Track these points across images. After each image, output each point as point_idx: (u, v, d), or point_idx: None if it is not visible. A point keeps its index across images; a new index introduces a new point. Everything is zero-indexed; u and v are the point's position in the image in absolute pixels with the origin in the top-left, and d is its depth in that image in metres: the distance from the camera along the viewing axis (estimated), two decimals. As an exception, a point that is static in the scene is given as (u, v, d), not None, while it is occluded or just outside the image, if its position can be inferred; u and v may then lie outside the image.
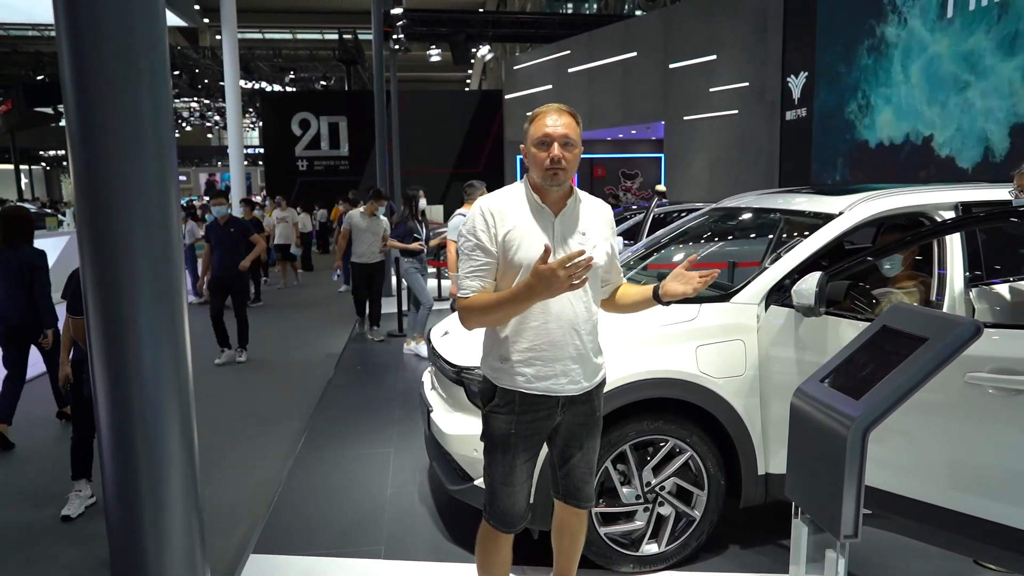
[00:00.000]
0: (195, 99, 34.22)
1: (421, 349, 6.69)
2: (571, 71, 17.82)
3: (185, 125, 39.22)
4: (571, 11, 25.95)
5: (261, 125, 28.52)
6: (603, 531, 2.81)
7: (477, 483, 2.82)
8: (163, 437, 1.55)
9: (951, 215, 2.96)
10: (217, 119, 36.36)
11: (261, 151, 29.92)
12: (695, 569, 2.89)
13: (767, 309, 2.87)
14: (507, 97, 21.21)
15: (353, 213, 7.58)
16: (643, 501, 2.84)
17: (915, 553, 2.94)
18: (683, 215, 5.95)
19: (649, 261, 4.10)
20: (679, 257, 4.32)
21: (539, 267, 1.86)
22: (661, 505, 2.86)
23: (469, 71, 37.84)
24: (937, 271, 2.90)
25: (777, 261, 2.98)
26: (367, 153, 21.44)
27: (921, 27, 8.76)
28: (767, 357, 2.84)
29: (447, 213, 18.35)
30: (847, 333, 2.61)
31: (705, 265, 4.20)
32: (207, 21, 32.23)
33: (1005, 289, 2.89)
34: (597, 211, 2.20)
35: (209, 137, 44.25)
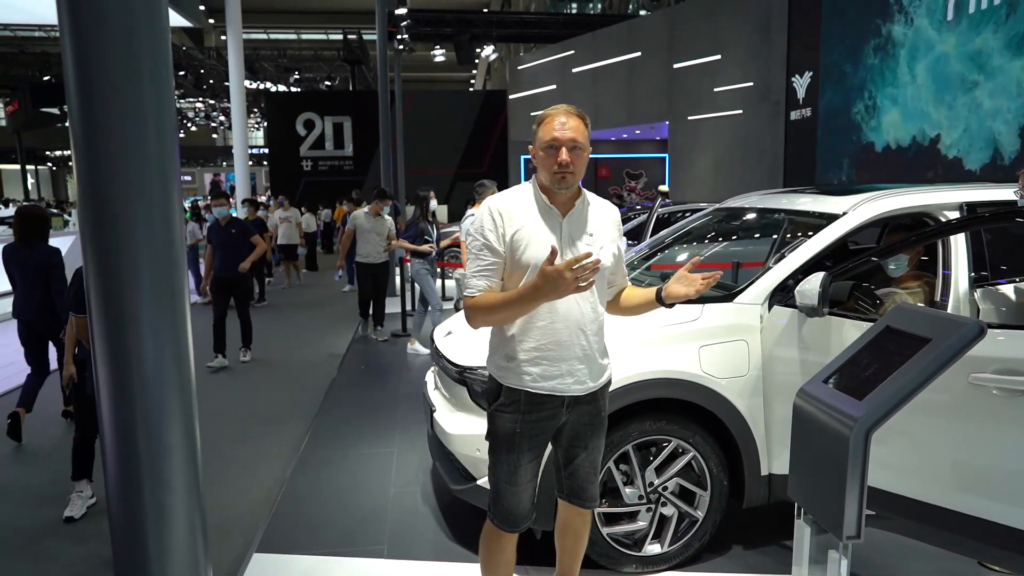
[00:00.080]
0: (200, 99, 34.33)
1: (419, 349, 6.75)
2: (575, 71, 17.81)
3: (190, 125, 39.37)
4: (575, 11, 25.95)
5: (266, 125, 28.59)
6: (606, 531, 2.80)
7: (480, 483, 2.82)
8: (165, 436, 1.55)
9: (956, 215, 2.95)
10: (222, 119, 36.50)
11: (266, 151, 30.00)
12: (698, 570, 2.89)
13: (770, 309, 2.87)
14: (511, 97, 21.22)
15: (358, 213, 7.55)
16: (646, 501, 2.84)
17: (918, 554, 2.93)
18: (687, 215, 5.95)
19: (653, 261, 4.10)
20: (683, 257, 4.32)
21: (546, 268, 1.87)
22: (664, 505, 2.86)
23: (473, 71, 37.88)
24: (942, 271, 2.88)
25: (780, 261, 2.97)
26: (371, 153, 21.48)
27: (928, 26, 8.70)
28: (770, 357, 2.83)
29: (451, 213, 18.39)
30: (851, 333, 2.60)
31: (709, 265, 4.20)
32: (212, 22, 32.33)
33: (1010, 289, 2.88)
34: (604, 212, 2.20)
35: (214, 137, 44.40)
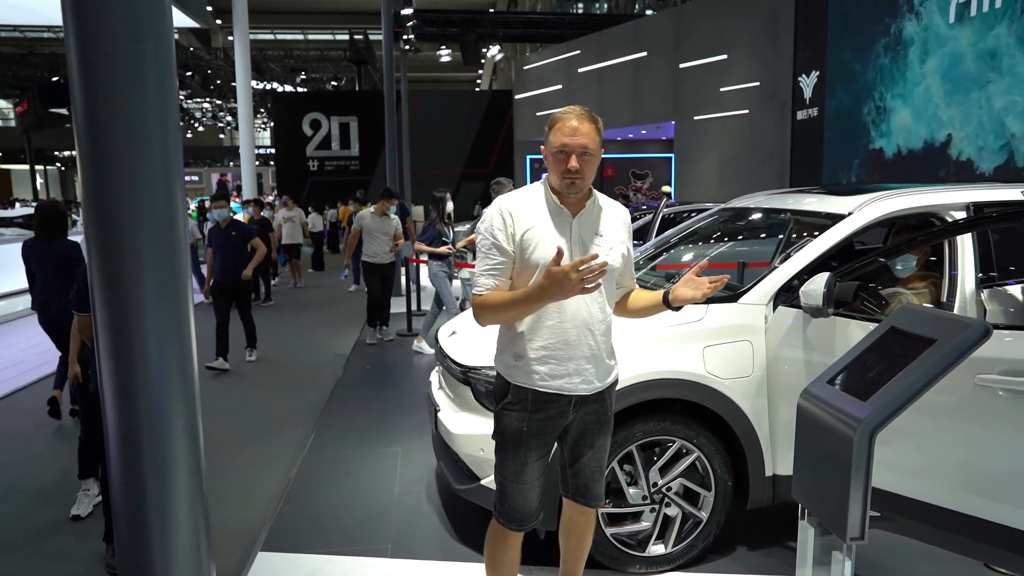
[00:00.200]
0: (207, 100, 34.49)
1: (424, 348, 6.78)
2: (581, 71, 17.81)
3: (197, 126, 39.55)
4: (581, 11, 25.92)
5: (272, 125, 28.70)
6: (609, 532, 2.80)
7: (484, 483, 2.83)
8: (169, 436, 1.56)
9: (962, 215, 2.93)
10: (229, 119, 36.63)
11: (272, 151, 30.09)
12: (702, 570, 2.88)
13: (775, 310, 2.86)
14: (517, 97, 21.23)
15: (364, 213, 7.51)
16: (650, 502, 2.83)
17: (923, 556, 2.92)
18: (693, 215, 5.93)
19: (658, 261, 4.09)
20: (688, 257, 4.31)
21: (552, 269, 1.88)
22: (668, 506, 2.85)
23: (479, 71, 37.89)
24: (948, 272, 2.87)
25: (785, 262, 2.96)
26: (378, 153, 21.52)
27: (939, 24, 8.58)
28: (775, 358, 2.82)
29: (457, 213, 18.38)
30: (855, 334, 2.59)
31: (715, 266, 4.20)
32: (219, 22, 32.47)
33: (1018, 290, 2.86)
34: (614, 214, 2.21)
35: (221, 137, 44.58)
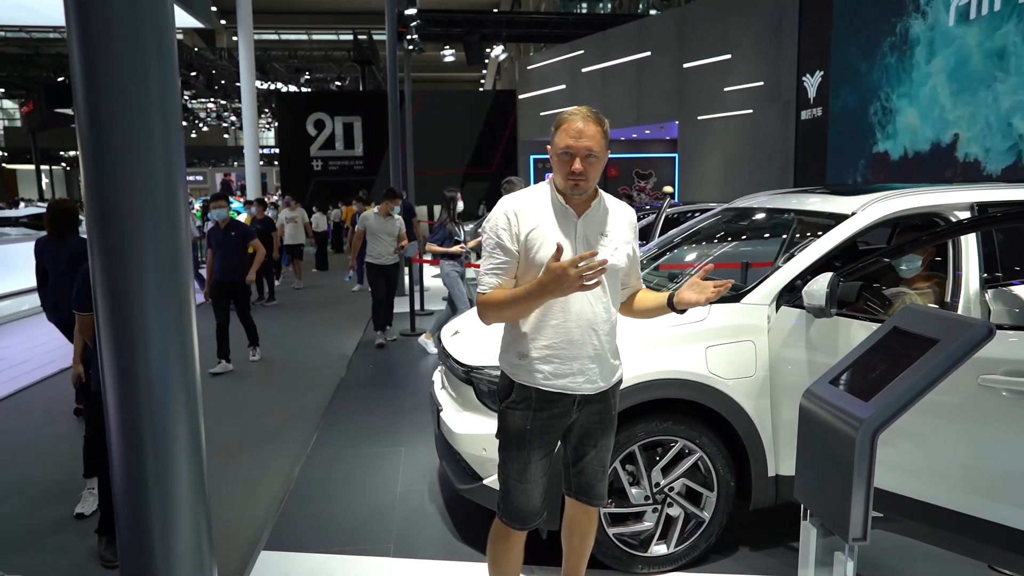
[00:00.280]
0: (212, 100, 34.56)
1: (430, 346, 6.78)
2: (585, 71, 17.79)
3: (202, 126, 39.65)
4: (585, 11, 25.90)
5: (276, 125, 28.75)
6: (612, 532, 2.80)
7: (486, 482, 2.83)
8: (170, 435, 1.56)
9: (967, 215, 2.92)
10: (233, 119, 36.72)
11: (276, 151, 30.14)
12: (704, 571, 2.88)
13: (778, 310, 2.85)
14: (521, 97, 21.22)
15: (368, 214, 7.42)
16: (652, 502, 2.83)
17: (926, 557, 2.91)
18: (696, 215, 5.92)
19: (661, 261, 4.09)
20: (691, 257, 4.30)
21: (551, 265, 1.89)
22: (670, 506, 2.85)
23: (483, 71, 37.90)
24: (952, 272, 2.86)
25: (788, 262, 2.96)
26: (381, 153, 21.53)
27: (946, 23, 8.51)
28: (778, 358, 2.81)
29: (460, 214, 18.37)
30: (858, 334, 2.59)
31: (717, 266, 4.19)
32: (224, 23, 32.55)
33: (1022, 290, 2.85)
34: (620, 214, 2.22)
35: (225, 137, 44.69)
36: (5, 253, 9.38)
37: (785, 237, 3.77)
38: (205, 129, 41.11)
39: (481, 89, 39.36)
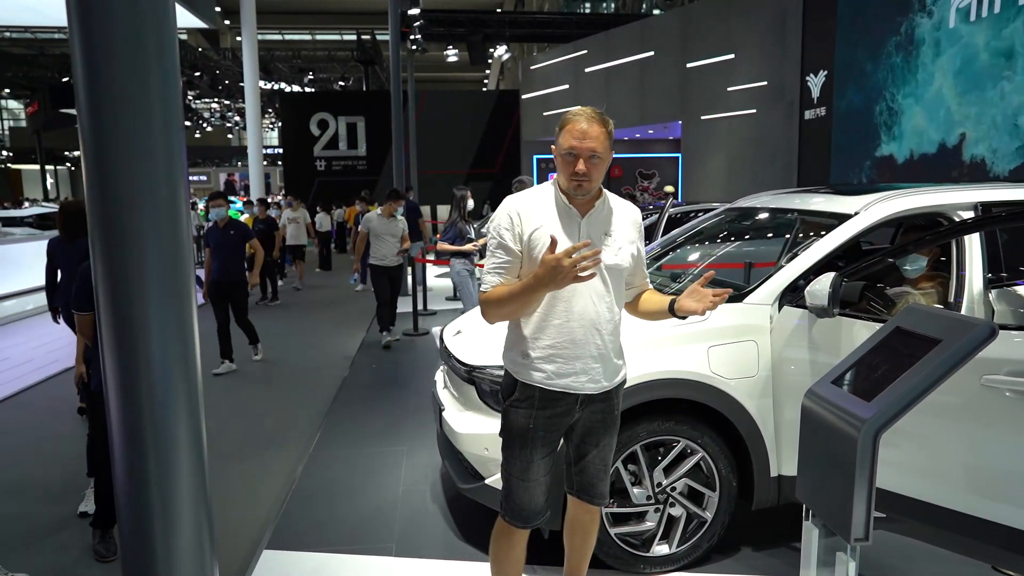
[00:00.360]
0: (215, 100, 34.64)
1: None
2: (588, 71, 17.78)
3: (206, 126, 39.75)
4: (588, 11, 25.89)
5: (280, 125, 28.79)
6: (614, 531, 2.80)
7: (488, 482, 2.83)
8: (172, 434, 1.57)
9: (970, 215, 2.91)
10: (237, 119, 36.81)
11: (280, 151, 30.19)
12: (706, 571, 2.88)
13: (780, 310, 2.85)
14: (524, 97, 21.22)
15: (371, 216, 7.34)
16: (654, 502, 2.83)
17: (929, 558, 2.90)
18: (699, 215, 5.91)
19: (664, 261, 4.09)
20: (694, 257, 4.30)
21: (546, 257, 1.90)
22: (672, 506, 2.85)
23: (486, 71, 37.90)
24: (956, 272, 2.85)
25: (791, 262, 2.95)
26: (385, 153, 21.55)
27: (952, 22, 8.44)
28: (780, 358, 2.81)
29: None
30: (861, 334, 2.58)
31: (720, 266, 4.19)
32: (228, 23, 32.63)
33: (1026, 290, 2.84)
34: (625, 214, 2.22)
35: (229, 137, 44.78)
36: (9, 253, 9.42)
37: (788, 237, 3.76)
38: (209, 129, 41.21)
39: (484, 89, 39.37)
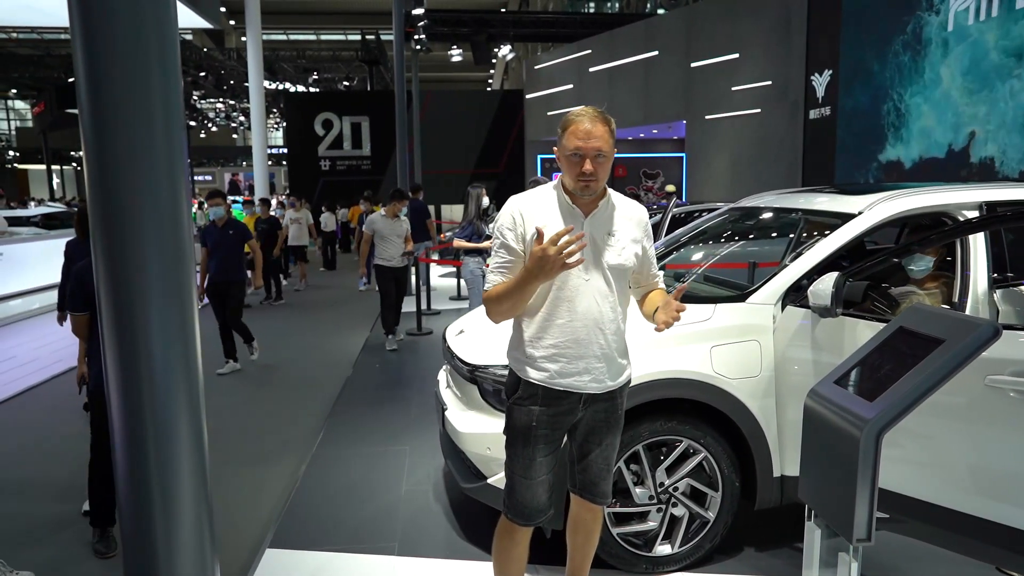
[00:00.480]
0: (220, 100, 34.71)
1: None
2: (592, 70, 17.77)
3: (211, 126, 39.83)
4: (592, 10, 25.87)
5: (285, 125, 28.85)
6: (616, 531, 2.79)
7: (491, 481, 2.83)
8: (173, 433, 1.57)
9: (975, 215, 2.90)
10: (242, 119, 36.86)
11: (285, 151, 30.25)
12: (708, 571, 2.87)
13: (783, 310, 2.84)
14: (528, 97, 21.21)
15: (375, 217, 7.24)
16: (656, 502, 2.83)
17: (932, 558, 2.89)
18: (703, 215, 5.90)
19: (667, 261, 4.08)
20: (697, 257, 4.29)
21: (534, 249, 1.92)
22: (674, 506, 2.84)
23: (491, 71, 37.90)
24: (960, 272, 2.84)
25: (794, 261, 2.94)
26: (389, 153, 21.56)
27: (958, 21, 8.35)
28: (783, 358, 2.80)
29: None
30: (864, 334, 2.57)
31: (723, 266, 4.18)
32: (233, 23, 32.72)
33: (1030, 291, 2.83)
34: (629, 213, 2.21)
35: (234, 137, 44.89)
36: (15, 252, 9.45)
37: (792, 236, 3.75)
38: (214, 129, 41.28)
39: (488, 89, 39.37)
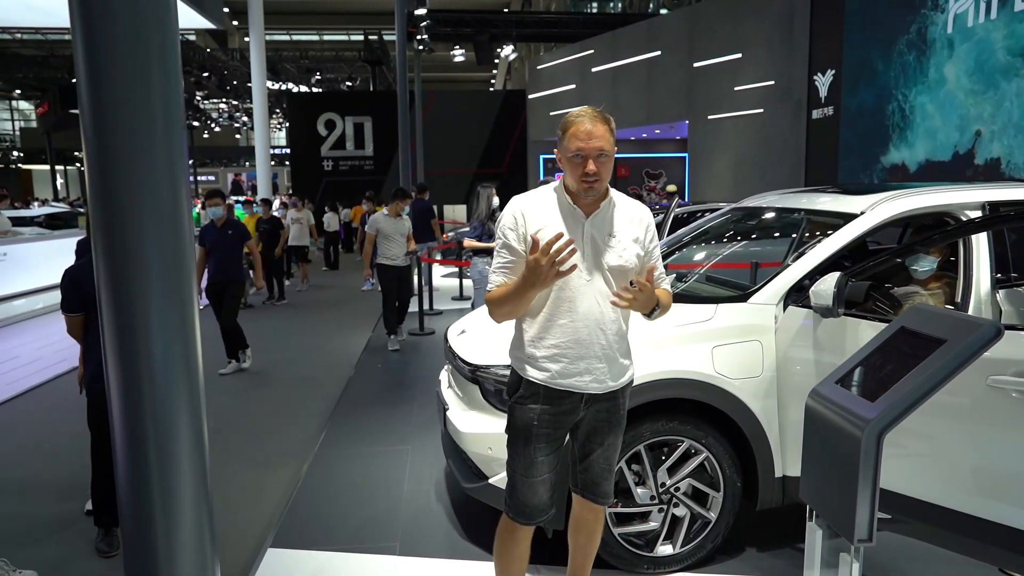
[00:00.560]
0: (224, 100, 34.77)
1: None
2: (595, 70, 17.76)
3: (214, 126, 39.91)
4: (595, 10, 25.86)
5: (288, 126, 28.87)
6: (617, 531, 2.79)
7: (492, 481, 2.83)
8: (173, 433, 1.57)
9: (977, 215, 2.89)
10: (245, 120, 36.92)
11: (288, 151, 30.28)
12: (710, 571, 2.87)
13: (785, 310, 2.84)
14: (531, 97, 21.21)
15: (377, 217, 7.20)
16: (658, 502, 2.82)
17: (935, 559, 2.88)
18: (705, 215, 5.89)
19: (669, 261, 4.08)
20: (699, 256, 4.29)
21: (528, 258, 1.95)
22: (676, 506, 2.84)
23: (493, 71, 37.92)
24: (963, 272, 2.83)
25: (795, 261, 2.94)
26: (392, 153, 21.55)
27: (963, 20, 8.30)
28: (785, 358, 2.80)
29: (470, 213, 18.41)
30: (866, 334, 2.57)
31: (725, 266, 4.18)
32: (236, 24, 32.77)
33: (1034, 291, 2.82)
34: (631, 213, 2.21)
35: (237, 138, 44.95)
36: (18, 252, 9.47)
37: (794, 236, 3.74)
38: (217, 129, 41.37)
39: (491, 89, 39.37)
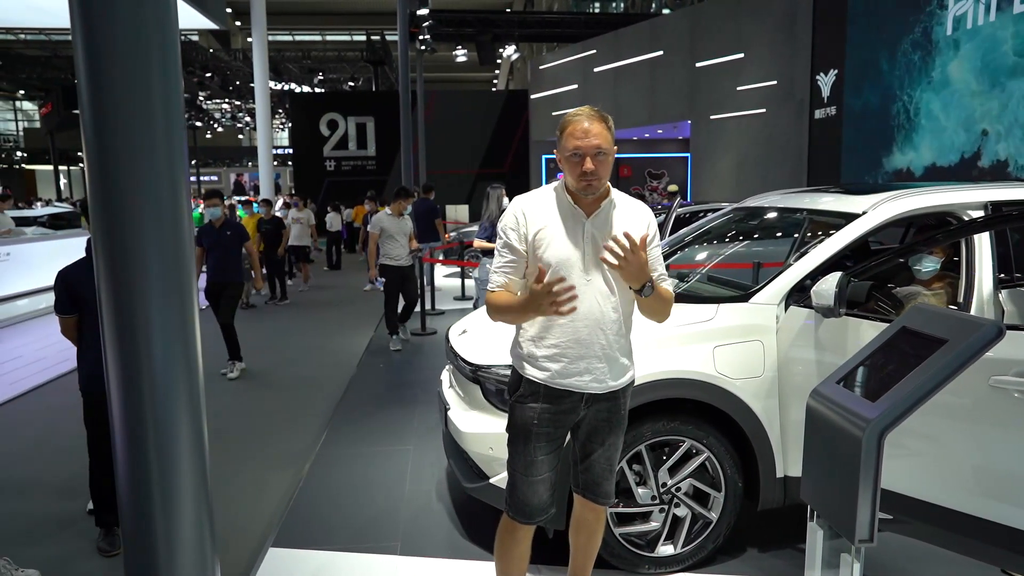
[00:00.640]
0: (226, 100, 34.80)
1: None
2: (597, 70, 17.75)
3: (217, 126, 39.97)
4: (597, 10, 25.85)
5: (290, 126, 28.91)
6: (618, 531, 2.79)
7: (493, 481, 2.83)
8: (173, 433, 1.58)
9: (980, 214, 2.88)
10: (248, 120, 36.95)
11: (290, 151, 30.32)
12: (711, 571, 2.86)
13: (787, 310, 2.83)
14: (533, 97, 21.21)
15: (380, 216, 7.16)
16: (659, 502, 2.82)
17: (936, 559, 2.88)
18: (707, 215, 5.89)
19: (671, 260, 4.07)
20: (701, 256, 4.28)
21: (532, 286, 2.00)
22: (677, 506, 2.84)
23: (496, 71, 37.92)
24: (966, 272, 2.82)
25: (797, 261, 2.93)
26: (394, 153, 21.57)
27: (966, 19, 8.27)
28: (786, 358, 2.79)
29: (472, 213, 18.40)
30: (868, 334, 2.56)
31: (728, 266, 4.17)
32: (239, 24, 32.82)
33: (1036, 291, 2.81)
34: (633, 214, 2.21)
35: (240, 138, 45.02)
36: (22, 252, 9.50)
37: (796, 236, 3.74)
38: (220, 130, 41.44)
39: (494, 89, 39.38)
